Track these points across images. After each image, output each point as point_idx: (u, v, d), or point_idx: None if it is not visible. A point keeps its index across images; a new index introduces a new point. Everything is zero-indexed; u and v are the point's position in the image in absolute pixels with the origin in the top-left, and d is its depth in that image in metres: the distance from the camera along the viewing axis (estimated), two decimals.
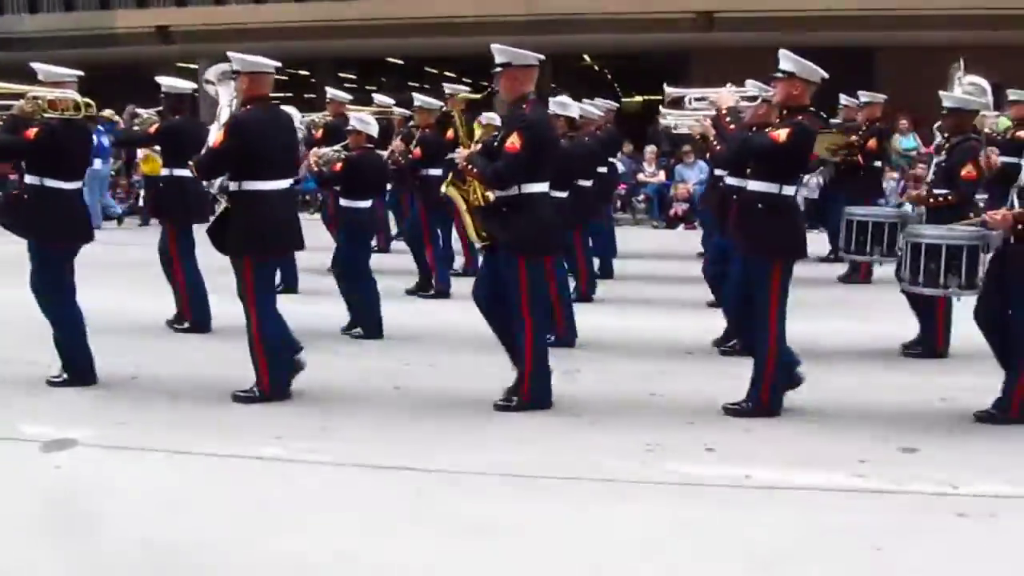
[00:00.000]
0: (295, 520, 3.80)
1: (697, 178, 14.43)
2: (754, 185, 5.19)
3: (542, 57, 5.40)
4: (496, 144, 5.22)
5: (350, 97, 10.29)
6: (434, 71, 26.88)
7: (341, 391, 5.63)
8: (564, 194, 6.58)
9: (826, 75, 5.16)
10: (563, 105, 7.67)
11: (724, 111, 5.37)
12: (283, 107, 6.14)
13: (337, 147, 7.41)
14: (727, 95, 5.57)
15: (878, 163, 9.64)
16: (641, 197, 15.80)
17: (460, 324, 7.16)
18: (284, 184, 5.49)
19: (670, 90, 6.93)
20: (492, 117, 8.62)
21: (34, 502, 3.99)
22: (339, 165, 7.18)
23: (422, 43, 20.15)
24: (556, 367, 5.37)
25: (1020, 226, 4.80)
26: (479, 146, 5.55)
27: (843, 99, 10.03)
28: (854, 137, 9.07)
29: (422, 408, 5.34)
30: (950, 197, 6.10)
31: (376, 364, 6.25)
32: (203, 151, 5.47)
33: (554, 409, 5.24)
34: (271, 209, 5.34)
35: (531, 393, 5.21)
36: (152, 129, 7.44)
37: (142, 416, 5.14)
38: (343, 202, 7.33)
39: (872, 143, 7.42)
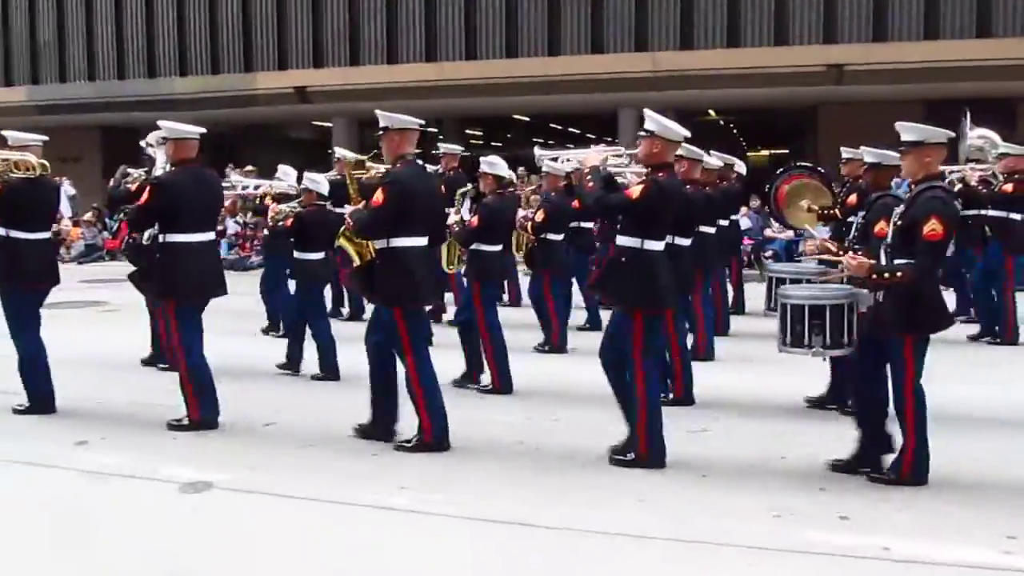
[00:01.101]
0: (415, 570, 3.83)
1: (827, 234, 14.01)
2: (620, 240, 5.36)
3: (421, 122, 5.74)
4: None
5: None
6: (558, 127, 27.27)
7: (465, 443, 5.66)
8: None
9: (687, 134, 5.45)
10: (491, 164, 7.63)
11: (587, 170, 5.52)
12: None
13: (293, 204, 8.00)
14: (593, 155, 5.68)
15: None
16: (768, 253, 15.47)
17: (583, 380, 7.15)
18: (206, 236, 6.15)
19: (541, 152, 7.23)
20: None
21: (172, 543, 4.15)
22: (290, 220, 7.78)
23: (547, 100, 20.47)
24: (681, 426, 5.27)
25: (875, 276, 4.77)
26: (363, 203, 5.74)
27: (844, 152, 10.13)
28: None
29: (544, 463, 5.32)
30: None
31: (500, 417, 6.29)
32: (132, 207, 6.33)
33: (674, 467, 5.14)
34: (194, 258, 5.97)
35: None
36: (135, 187, 7.15)
37: (275, 462, 5.32)
38: (296, 254, 7.85)
39: (852, 199, 7.48)
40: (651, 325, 5.29)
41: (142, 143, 7.14)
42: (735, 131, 28.26)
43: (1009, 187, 8.79)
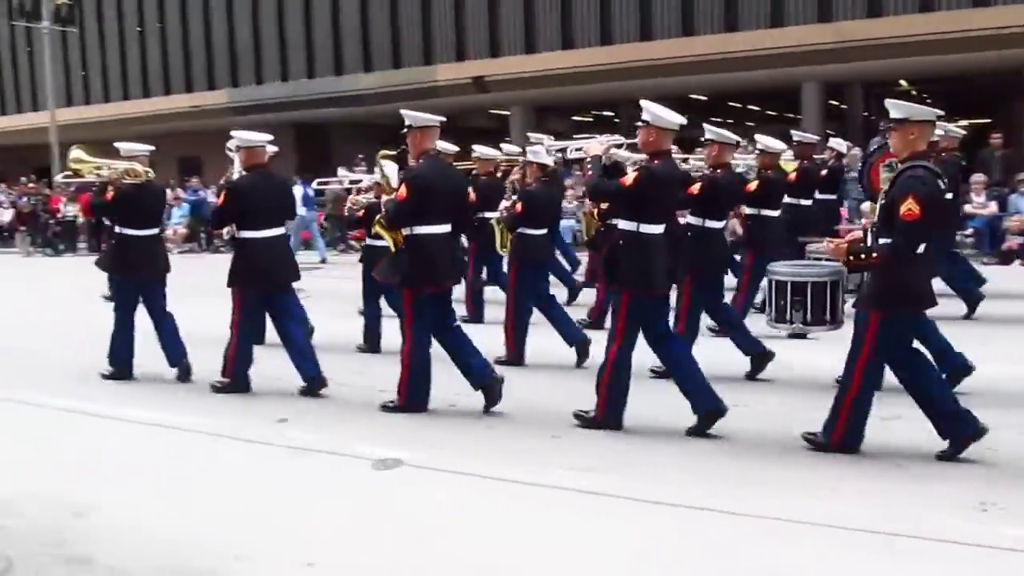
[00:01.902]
0: (590, 551, 3.86)
1: None
2: (620, 224, 5.61)
3: (442, 119, 6.20)
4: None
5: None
6: (737, 105, 26.52)
7: (648, 426, 5.65)
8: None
9: (683, 121, 5.58)
10: (535, 153, 7.89)
11: (588, 160, 5.92)
12: None
13: (370, 196, 8.51)
14: (595, 145, 6.01)
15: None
16: (969, 231, 14.42)
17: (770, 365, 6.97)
18: (275, 232, 6.83)
19: (549, 143, 8.13)
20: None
21: (367, 516, 4.38)
22: (361, 212, 8.40)
23: (725, 78, 19.95)
24: (874, 413, 5.03)
25: (852, 257, 4.83)
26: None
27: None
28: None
29: (728, 449, 5.22)
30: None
31: (682, 401, 6.20)
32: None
33: (869, 456, 4.92)
34: (262, 251, 6.73)
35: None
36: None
37: (459, 441, 5.50)
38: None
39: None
40: (639, 305, 5.50)
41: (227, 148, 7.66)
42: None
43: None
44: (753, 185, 8.18)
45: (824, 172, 10.06)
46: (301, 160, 22.89)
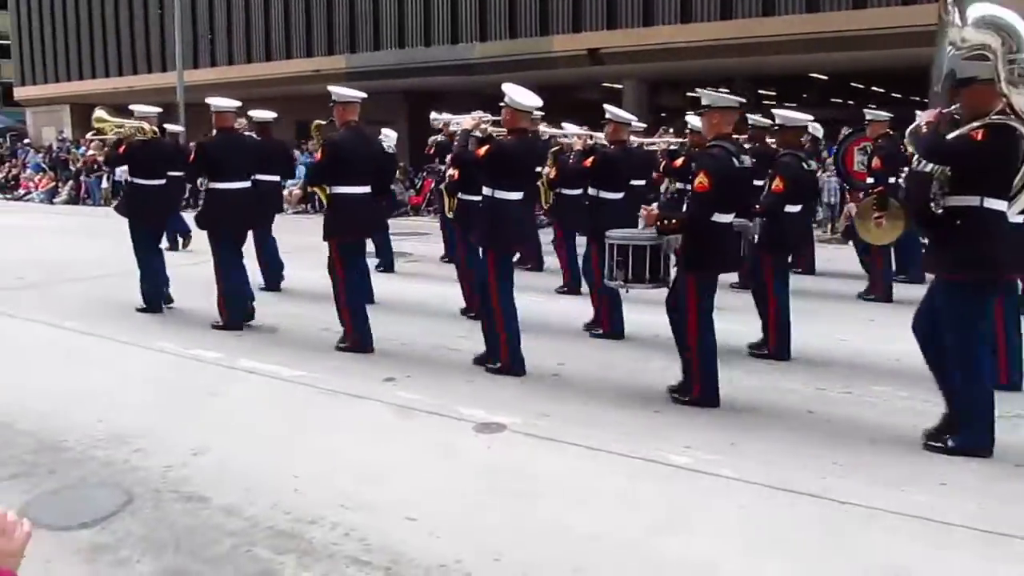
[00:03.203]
0: (703, 530, 3.83)
1: None
2: (484, 190, 6.45)
3: (363, 95, 7.11)
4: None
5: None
6: (859, 85, 25.57)
7: (753, 409, 5.56)
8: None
9: (539, 103, 6.36)
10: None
11: (459, 132, 6.78)
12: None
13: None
14: (468, 120, 6.82)
15: None
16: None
17: (881, 352, 6.77)
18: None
19: (436, 116, 8.74)
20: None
21: (468, 477, 4.45)
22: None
23: (850, 56, 19.21)
24: (1001, 412, 4.82)
25: (660, 223, 5.67)
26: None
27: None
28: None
29: (836, 436, 5.08)
30: None
31: (790, 385, 6.09)
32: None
33: (996, 456, 4.71)
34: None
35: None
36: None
37: (561, 409, 5.52)
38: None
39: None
40: (504, 262, 6.40)
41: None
42: None
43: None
44: (679, 161, 9.43)
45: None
46: (412, 128, 23.14)
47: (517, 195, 6.34)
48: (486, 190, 6.37)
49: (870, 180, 9.38)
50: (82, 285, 10.08)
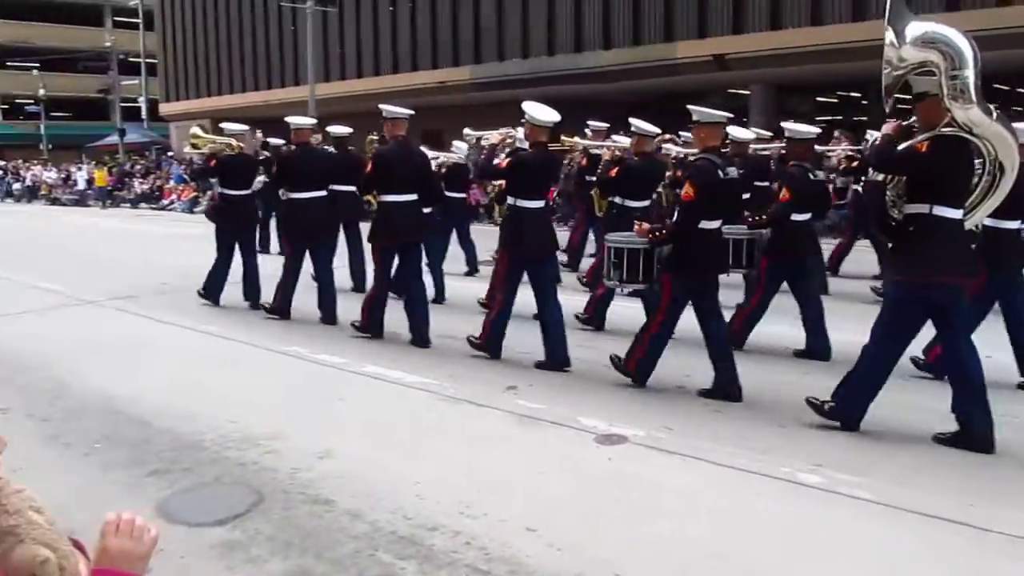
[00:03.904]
0: (829, 550, 3.67)
1: None
2: (508, 199, 7.12)
3: (411, 112, 7.89)
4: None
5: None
6: (1004, 87, 24.24)
7: (888, 427, 5.30)
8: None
9: (557, 118, 6.87)
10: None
11: (485, 148, 7.50)
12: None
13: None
14: (496, 135, 7.53)
15: None
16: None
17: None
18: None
19: (468, 132, 9.21)
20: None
21: (589, 489, 4.39)
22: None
23: (992, 56, 18.20)
24: None
25: (651, 235, 6.06)
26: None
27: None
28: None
29: (978, 458, 4.80)
30: None
31: (926, 403, 5.78)
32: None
33: None
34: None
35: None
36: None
37: (686, 423, 5.40)
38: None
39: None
40: (516, 270, 6.93)
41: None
42: None
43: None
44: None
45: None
46: None
47: (538, 203, 6.91)
48: (509, 199, 6.96)
49: None
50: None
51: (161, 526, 3.69)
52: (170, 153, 38.56)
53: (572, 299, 9.24)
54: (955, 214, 4.97)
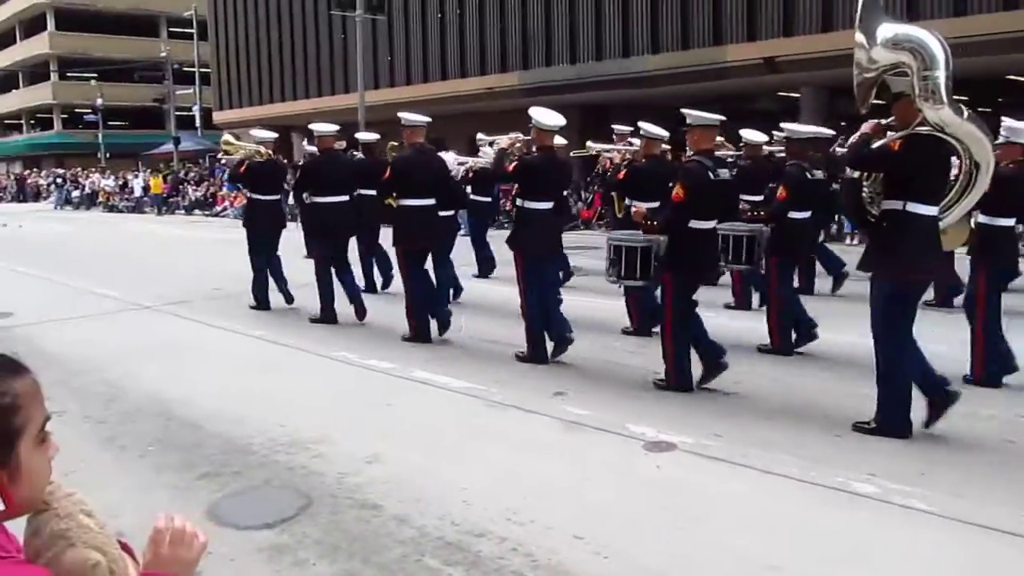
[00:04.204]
0: (878, 562, 3.59)
1: None
2: (517, 200, 7.46)
3: (428, 119, 8.19)
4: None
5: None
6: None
7: (944, 436, 5.18)
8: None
9: (562, 123, 7.10)
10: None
11: (495, 152, 7.71)
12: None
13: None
14: (505, 140, 7.71)
15: None
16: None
17: None
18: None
19: (481, 137, 9.79)
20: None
21: (637, 497, 4.35)
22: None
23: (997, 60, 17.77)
24: None
25: (645, 222, 6.38)
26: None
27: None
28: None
29: None
30: None
31: (985, 411, 5.64)
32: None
33: None
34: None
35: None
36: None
37: (736, 431, 5.32)
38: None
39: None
40: (533, 264, 7.10)
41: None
42: None
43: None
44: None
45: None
46: (581, 142, 23.21)
47: (546, 205, 7.15)
48: (518, 201, 7.24)
49: None
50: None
51: (211, 529, 3.75)
52: (223, 160, 39.20)
53: (588, 301, 9.26)
54: (929, 211, 5.08)
